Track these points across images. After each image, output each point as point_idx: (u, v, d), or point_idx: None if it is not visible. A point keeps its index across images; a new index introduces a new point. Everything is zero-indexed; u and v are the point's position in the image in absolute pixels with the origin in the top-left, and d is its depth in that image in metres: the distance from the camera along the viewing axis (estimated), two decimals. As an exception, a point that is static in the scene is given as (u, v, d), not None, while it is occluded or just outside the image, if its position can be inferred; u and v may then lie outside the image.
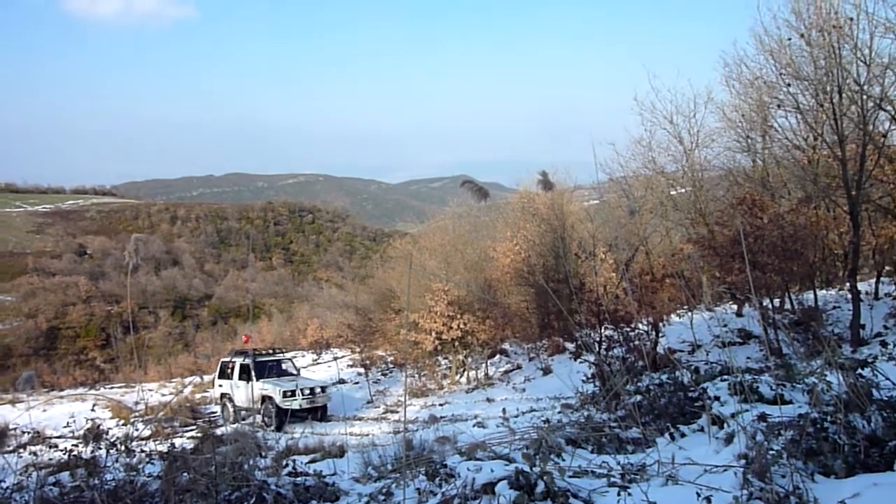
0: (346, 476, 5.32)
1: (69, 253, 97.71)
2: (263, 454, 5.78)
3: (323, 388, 19.18)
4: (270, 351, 22.39)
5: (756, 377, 5.89)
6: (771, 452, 3.40)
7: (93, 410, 22.38)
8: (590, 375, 9.92)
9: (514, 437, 5.53)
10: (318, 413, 18.47)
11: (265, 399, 18.43)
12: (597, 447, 5.03)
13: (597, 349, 10.15)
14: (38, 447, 6.60)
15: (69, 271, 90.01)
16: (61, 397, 29.02)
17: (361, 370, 24.26)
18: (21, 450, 6.91)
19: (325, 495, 4.39)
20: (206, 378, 27.72)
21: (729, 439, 4.25)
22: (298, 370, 21.55)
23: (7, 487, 4.75)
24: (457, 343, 20.56)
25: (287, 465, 4.87)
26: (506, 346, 23.82)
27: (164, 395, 27.08)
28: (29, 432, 6.94)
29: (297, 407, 17.73)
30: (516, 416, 11.47)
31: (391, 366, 26.05)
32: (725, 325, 15.59)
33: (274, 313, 65.35)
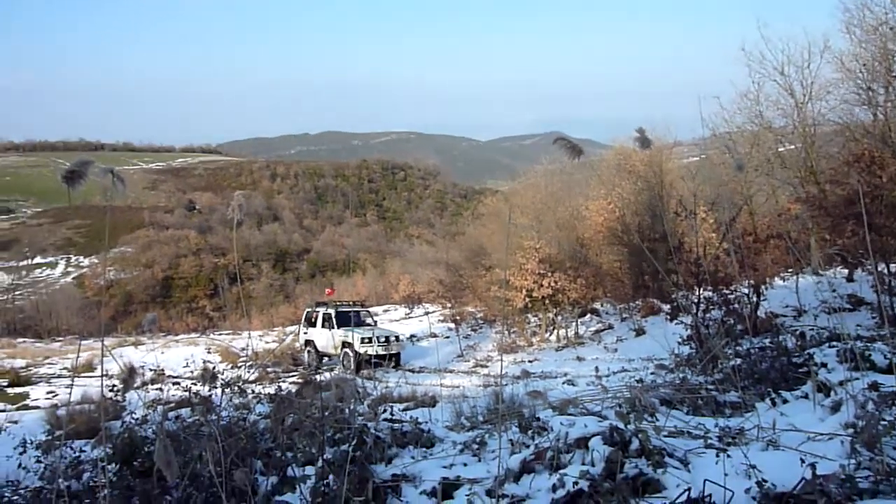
0: (439, 424, 5.51)
1: (180, 208, 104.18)
2: (362, 400, 6.07)
3: (397, 338, 20.74)
4: (351, 303, 24.18)
5: (868, 345, 5.58)
6: (883, 423, 3.25)
7: (208, 353, 24.13)
8: (686, 337, 9.68)
9: (606, 396, 5.53)
10: (391, 360, 19.65)
11: (345, 345, 19.90)
12: (692, 409, 4.94)
13: (694, 311, 9.86)
14: (161, 385, 7.22)
15: (180, 225, 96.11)
16: (176, 341, 31.39)
17: (452, 325, 24.77)
18: (146, 387, 7.59)
19: (421, 441, 4.58)
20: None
21: (836, 408, 4.07)
22: (375, 321, 23.17)
23: (136, 419, 5.23)
24: (547, 301, 20.52)
25: (385, 410, 5.11)
26: (597, 305, 23.54)
27: (267, 342, 28.69)
28: (154, 370, 7.60)
29: (373, 353, 18.98)
30: (607, 376, 11.41)
31: (481, 322, 26.38)
32: (834, 291, 14.69)
33: (368, 268, 67.30)
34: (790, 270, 16.06)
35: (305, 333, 22.34)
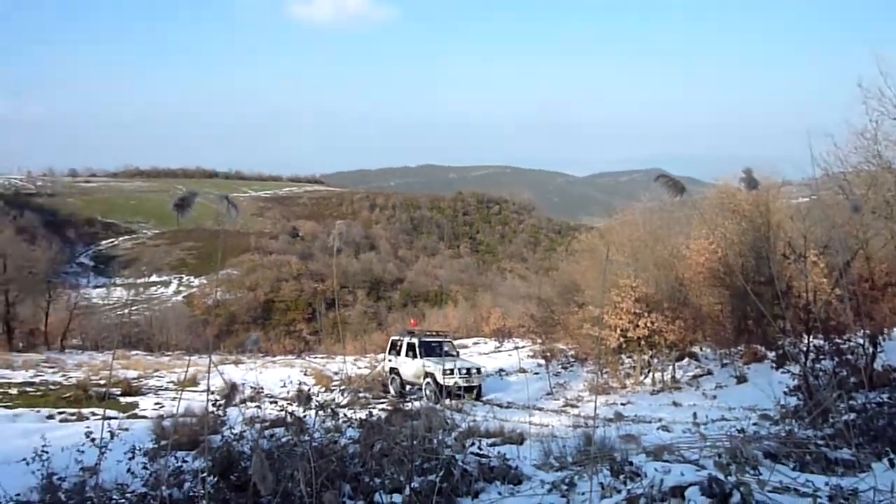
0: (527, 462, 5.42)
1: (284, 234, 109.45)
2: (450, 431, 6.07)
3: (478, 370, 20.94)
4: (434, 333, 24.51)
5: None
6: None
7: (305, 375, 24.95)
8: (793, 387, 9.09)
9: (704, 444, 5.26)
10: (473, 392, 19.81)
11: (427, 374, 20.30)
12: (799, 465, 4.62)
13: (803, 359, 9.26)
14: (259, 403, 7.51)
15: (283, 251, 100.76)
16: (274, 362, 32.64)
17: (542, 361, 24.40)
18: (245, 404, 7.93)
19: (508, 477, 4.53)
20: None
21: (966, 474, 3.70)
22: (458, 352, 23.42)
23: (234, 435, 5.47)
24: (642, 342, 19.85)
25: (473, 443, 5.09)
26: (695, 349, 22.53)
27: (359, 367, 29.26)
28: (254, 387, 7.93)
29: (455, 384, 19.15)
30: (706, 423, 10.88)
31: (572, 360, 25.82)
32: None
33: (459, 300, 67.70)
34: (913, 321, 14.81)
35: (390, 361, 22.83)
